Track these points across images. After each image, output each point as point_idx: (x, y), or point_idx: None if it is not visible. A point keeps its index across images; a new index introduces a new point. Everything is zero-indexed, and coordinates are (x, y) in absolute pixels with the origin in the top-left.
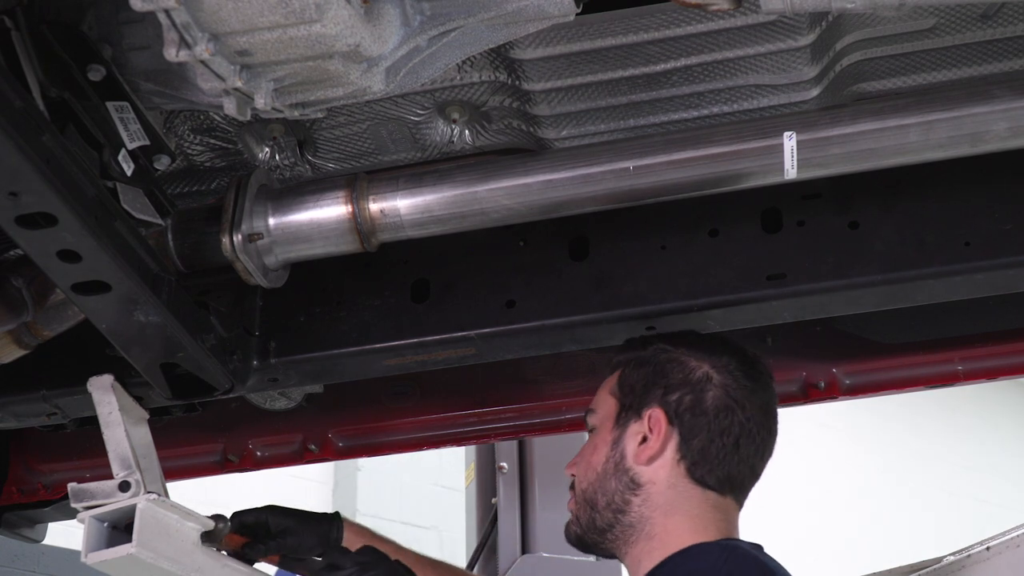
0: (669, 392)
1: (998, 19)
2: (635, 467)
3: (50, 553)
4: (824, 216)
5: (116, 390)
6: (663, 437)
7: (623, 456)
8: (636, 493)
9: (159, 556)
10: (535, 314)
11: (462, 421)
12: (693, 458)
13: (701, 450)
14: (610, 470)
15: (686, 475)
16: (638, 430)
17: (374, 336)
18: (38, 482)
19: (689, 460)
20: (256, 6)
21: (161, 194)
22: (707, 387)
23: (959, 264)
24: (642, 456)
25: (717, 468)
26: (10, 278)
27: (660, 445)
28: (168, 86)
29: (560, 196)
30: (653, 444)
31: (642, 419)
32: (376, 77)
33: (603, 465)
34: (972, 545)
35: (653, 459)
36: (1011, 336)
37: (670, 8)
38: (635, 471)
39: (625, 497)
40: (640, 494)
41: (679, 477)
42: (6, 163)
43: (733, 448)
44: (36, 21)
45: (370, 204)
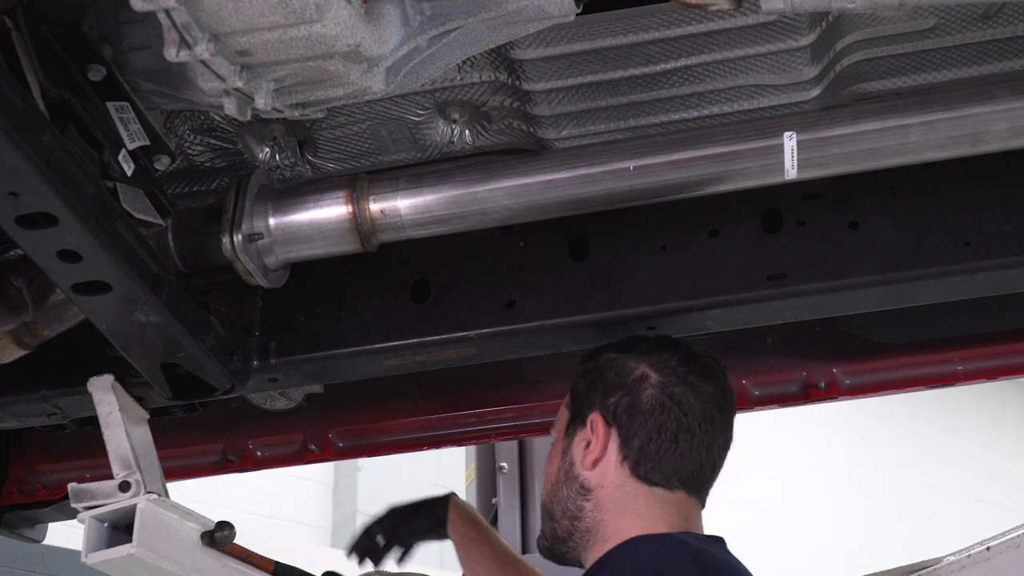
0: (607, 395)
1: (998, 19)
2: (583, 472)
3: (50, 553)
4: (824, 216)
5: (116, 390)
6: (603, 440)
7: (572, 464)
8: (587, 498)
9: (159, 556)
10: (535, 314)
11: (462, 421)
12: (635, 457)
13: (641, 448)
14: (562, 479)
15: (631, 475)
16: (583, 437)
17: (374, 336)
18: (38, 482)
19: (631, 460)
20: (256, 6)
21: (161, 194)
22: (643, 386)
23: (959, 264)
24: (587, 461)
25: (660, 464)
26: (10, 278)
27: (601, 448)
28: (168, 86)
29: (560, 196)
30: (594, 448)
31: (585, 426)
32: (376, 77)
33: (556, 475)
34: (972, 545)
35: (597, 462)
36: (1011, 336)
37: (670, 8)
38: (583, 476)
39: (577, 503)
40: (591, 499)
41: (624, 477)
42: (6, 163)
43: (672, 443)
44: (36, 21)
45: (370, 204)
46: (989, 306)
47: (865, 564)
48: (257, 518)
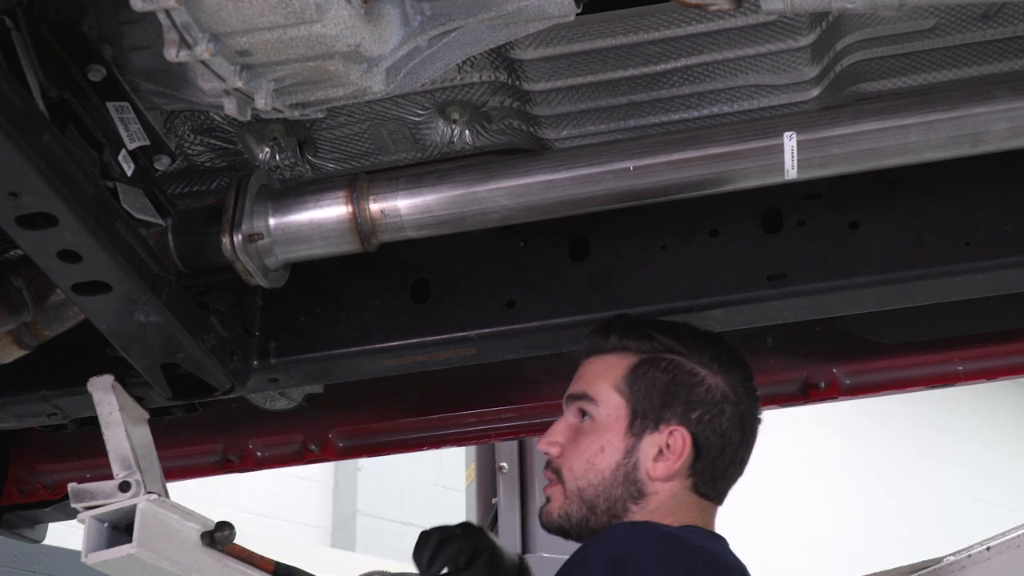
0: (690, 409)
1: (998, 19)
2: (645, 480)
3: (50, 553)
4: (824, 216)
5: (116, 390)
6: (683, 457)
7: (636, 467)
8: (638, 502)
9: (159, 556)
10: (535, 314)
11: (462, 421)
12: (703, 476)
13: (711, 468)
14: (619, 478)
15: (690, 489)
16: (655, 443)
17: (374, 336)
18: (38, 482)
19: (697, 477)
20: (256, 6)
21: (161, 194)
22: (724, 408)
23: (959, 264)
24: (658, 472)
25: (718, 483)
26: (10, 278)
27: (680, 465)
28: (168, 86)
29: (560, 196)
30: (672, 463)
31: (660, 432)
32: (376, 77)
33: (612, 471)
34: (972, 545)
35: (668, 478)
36: (1011, 336)
37: (670, 8)
38: (644, 483)
39: (627, 505)
40: (641, 503)
41: (682, 490)
42: (6, 163)
43: (737, 464)
44: (36, 21)
45: (370, 204)
46: (989, 306)
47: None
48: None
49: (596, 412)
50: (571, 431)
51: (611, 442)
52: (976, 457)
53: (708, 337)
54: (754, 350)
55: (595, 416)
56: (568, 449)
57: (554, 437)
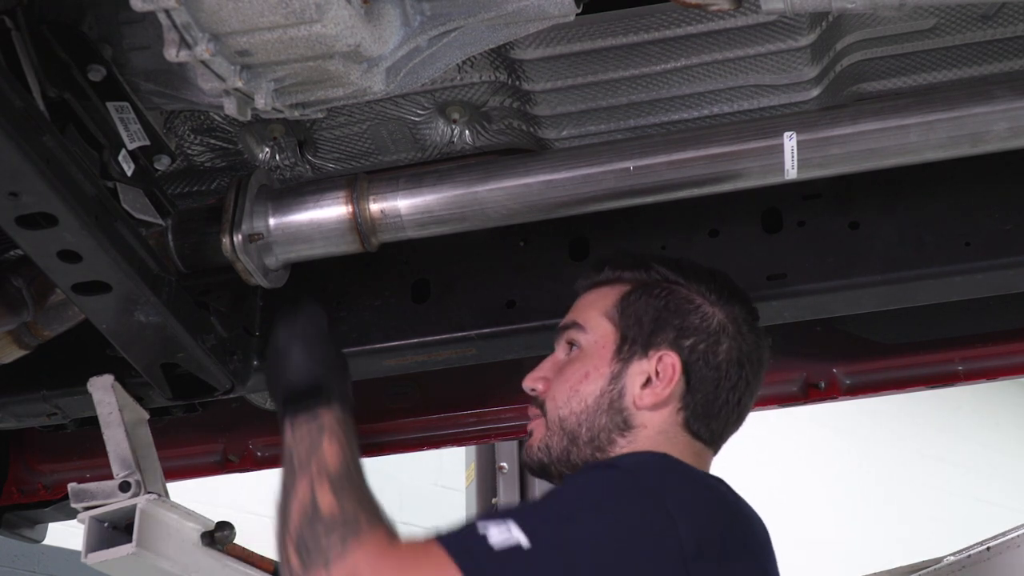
0: (683, 336)
1: (998, 19)
2: (631, 408)
3: (50, 553)
4: (824, 216)
5: (116, 390)
6: (672, 384)
7: (621, 394)
8: (624, 434)
9: (159, 556)
10: (535, 314)
11: (462, 421)
12: (695, 411)
13: (704, 403)
14: (603, 405)
15: (681, 425)
16: (643, 369)
17: (374, 336)
18: (38, 482)
19: (689, 411)
20: (256, 6)
21: (161, 194)
22: (722, 338)
23: (959, 264)
24: (644, 400)
25: (714, 422)
26: (10, 278)
27: (668, 393)
28: (168, 86)
29: (560, 196)
30: (660, 390)
31: (649, 359)
32: (376, 77)
33: (596, 398)
34: (972, 545)
35: (656, 407)
36: (1011, 336)
37: (670, 8)
38: (630, 412)
39: (611, 436)
40: (628, 435)
41: (673, 425)
42: (6, 163)
43: (735, 405)
44: (36, 21)
45: (370, 204)
46: (989, 306)
47: (865, 564)
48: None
49: (584, 339)
50: (558, 366)
51: (596, 367)
52: (976, 457)
53: (710, 270)
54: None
55: (582, 344)
56: (553, 382)
57: (540, 372)
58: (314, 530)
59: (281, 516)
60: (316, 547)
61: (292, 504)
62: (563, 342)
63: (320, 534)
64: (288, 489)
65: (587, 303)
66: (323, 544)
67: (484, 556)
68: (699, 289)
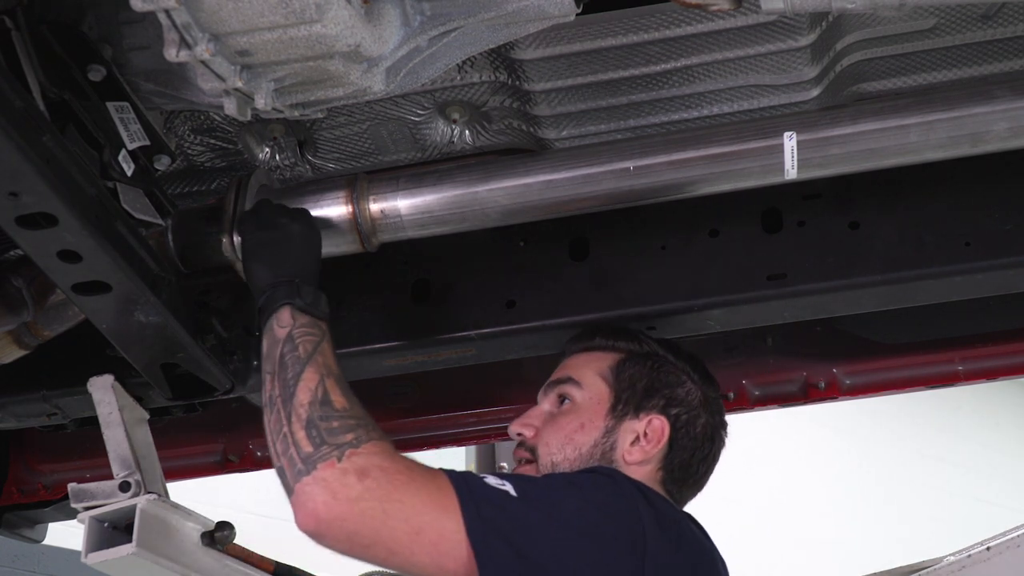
0: (671, 404)
1: (998, 19)
2: (620, 462)
3: (50, 553)
4: (824, 216)
5: (116, 390)
6: (660, 447)
7: (613, 447)
8: None
9: (159, 556)
10: (535, 314)
11: (462, 421)
12: (672, 473)
13: (681, 468)
14: (596, 455)
15: (659, 482)
16: (633, 428)
17: (374, 336)
18: (38, 482)
19: (666, 472)
20: (256, 6)
21: (161, 194)
22: (701, 413)
23: (959, 264)
24: (633, 456)
25: (684, 487)
26: (10, 278)
27: (654, 453)
28: (168, 86)
29: (560, 196)
30: (648, 449)
31: (640, 420)
32: (376, 77)
33: (589, 448)
34: (972, 545)
35: (642, 463)
36: (1011, 336)
37: (670, 8)
38: (618, 464)
39: None
40: None
41: (653, 481)
42: (6, 163)
43: (703, 475)
44: (36, 21)
45: (370, 204)
46: (989, 306)
47: (865, 564)
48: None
49: (578, 395)
50: (547, 416)
51: (591, 420)
52: (976, 457)
53: (690, 352)
54: (754, 350)
55: (576, 399)
56: (544, 429)
57: (528, 420)
58: (327, 420)
59: (281, 394)
60: (331, 437)
61: (299, 387)
62: (554, 395)
63: (335, 428)
64: (292, 372)
65: (580, 363)
66: (338, 437)
67: (478, 488)
68: (684, 367)
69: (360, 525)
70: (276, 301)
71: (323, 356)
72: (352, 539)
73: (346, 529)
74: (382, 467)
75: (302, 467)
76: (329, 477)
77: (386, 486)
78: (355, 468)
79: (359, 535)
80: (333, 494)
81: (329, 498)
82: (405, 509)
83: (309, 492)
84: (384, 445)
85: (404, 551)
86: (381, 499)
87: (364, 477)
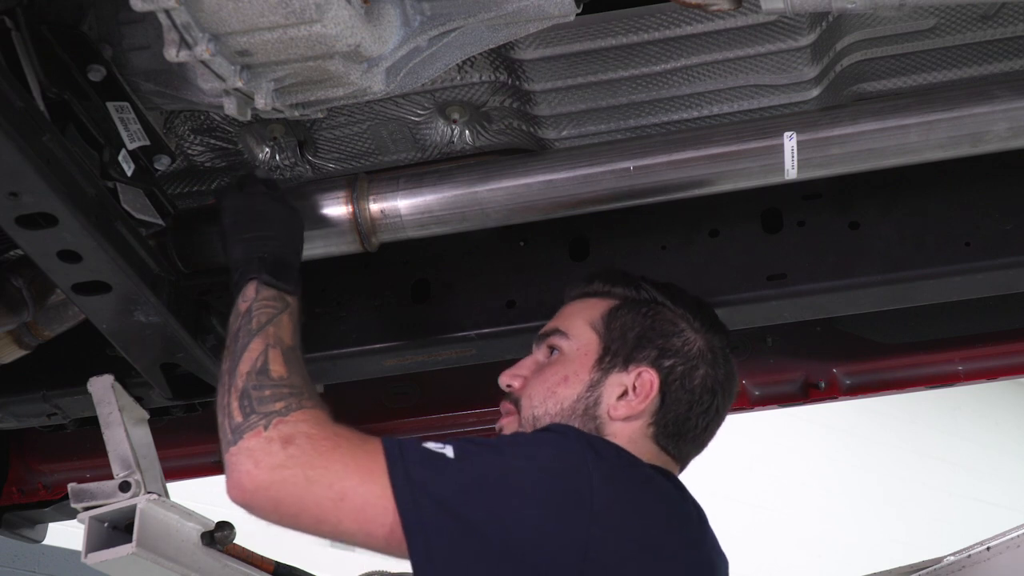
0: (664, 356)
1: (998, 19)
2: (604, 417)
3: (50, 553)
4: (824, 216)
5: (116, 390)
6: (648, 402)
7: (597, 402)
8: None
9: (159, 556)
10: (535, 314)
11: (462, 421)
12: (665, 428)
13: (675, 423)
14: (578, 410)
15: (651, 437)
16: (620, 381)
17: (374, 336)
18: (38, 482)
19: (659, 428)
20: (256, 6)
21: (161, 194)
22: (699, 364)
23: (959, 264)
24: (619, 411)
25: (681, 442)
26: (10, 278)
27: (642, 408)
28: (168, 86)
29: (560, 196)
30: (635, 404)
31: (628, 373)
32: (376, 77)
33: (572, 403)
34: (972, 545)
35: (629, 419)
36: (1011, 336)
37: (670, 8)
38: (603, 420)
39: None
40: None
41: (642, 436)
42: (6, 163)
43: (703, 430)
44: (36, 21)
45: (370, 204)
46: (989, 306)
47: (865, 564)
48: None
49: (566, 345)
50: (536, 367)
51: (576, 373)
52: (976, 457)
53: (696, 298)
54: (754, 350)
55: (564, 349)
56: (531, 380)
57: (518, 370)
58: (260, 390)
59: (228, 367)
60: (261, 406)
61: (243, 358)
62: (544, 346)
63: (266, 396)
64: (241, 343)
65: (573, 311)
66: (268, 406)
67: (411, 452)
68: (684, 314)
69: (283, 493)
70: (244, 276)
71: (275, 327)
72: (278, 508)
73: (270, 497)
74: (308, 434)
75: (231, 437)
76: (254, 446)
77: (310, 452)
78: (280, 436)
79: (284, 504)
80: (256, 462)
81: (252, 467)
82: (328, 475)
83: (235, 462)
84: (315, 413)
85: (330, 518)
86: (304, 466)
87: (288, 444)
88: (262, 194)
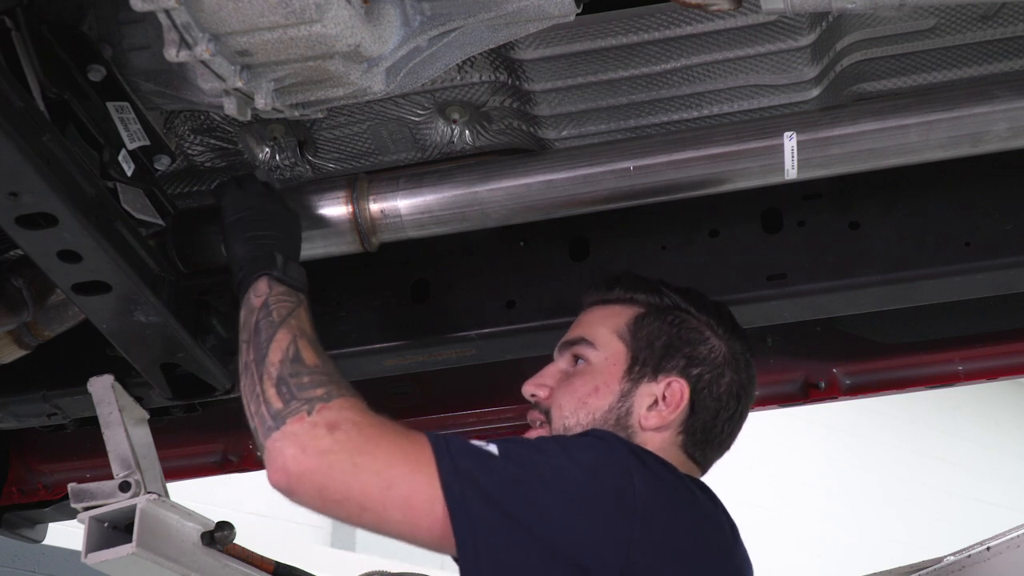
0: (692, 364)
1: (998, 19)
2: (636, 427)
3: (50, 553)
4: (824, 216)
5: (116, 390)
6: (679, 411)
7: (629, 413)
8: None
9: (159, 556)
10: (535, 314)
11: (462, 421)
12: (693, 436)
13: (703, 431)
14: (610, 421)
15: (679, 446)
16: (651, 391)
17: (374, 336)
18: (38, 482)
19: (687, 436)
20: (256, 6)
21: (161, 194)
22: (725, 371)
23: (959, 264)
24: (650, 421)
25: (708, 448)
26: (10, 278)
27: (673, 418)
28: (168, 86)
29: (560, 196)
30: (666, 414)
31: (658, 383)
32: (376, 77)
33: (604, 413)
34: (972, 545)
35: (660, 429)
36: (1011, 336)
37: (670, 8)
38: (634, 430)
39: None
40: None
41: (671, 445)
42: (6, 163)
43: (728, 435)
44: (36, 21)
45: (370, 204)
46: (989, 306)
47: (865, 564)
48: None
49: (593, 355)
50: (561, 376)
51: (606, 383)
52: (976, 457)
53: (716, 303)
54: (754, 350)
55: (591, 360)
56: (558, 391)
57: (542, 379)
58: (298, 377)
59: (254, 357)
60: (301, 392)
61: (271, 348)
62: (568, 355)
63: (305, 383)
64: (265, 335)
65: (596, 319)
66: (308, 392)
67: (457, 446)
68: (708, 321)
69: (329, 479)
70: (254, 272)
71: (297, 319)
72: (323, 494)
73: (316, 483)
74: (353, 420)
75: (272, 423)
76: (299, 431)
77: (357, 438)
78: (325, 421)
79: (329, 489)
80: (302, 447)
81: (298, 451)
82: (376, 462)
83: (279, 447)
84: (356, 401)
85: (376, 506)
86: (351, 452)
87: (334, 430)
88: (262, 194)
